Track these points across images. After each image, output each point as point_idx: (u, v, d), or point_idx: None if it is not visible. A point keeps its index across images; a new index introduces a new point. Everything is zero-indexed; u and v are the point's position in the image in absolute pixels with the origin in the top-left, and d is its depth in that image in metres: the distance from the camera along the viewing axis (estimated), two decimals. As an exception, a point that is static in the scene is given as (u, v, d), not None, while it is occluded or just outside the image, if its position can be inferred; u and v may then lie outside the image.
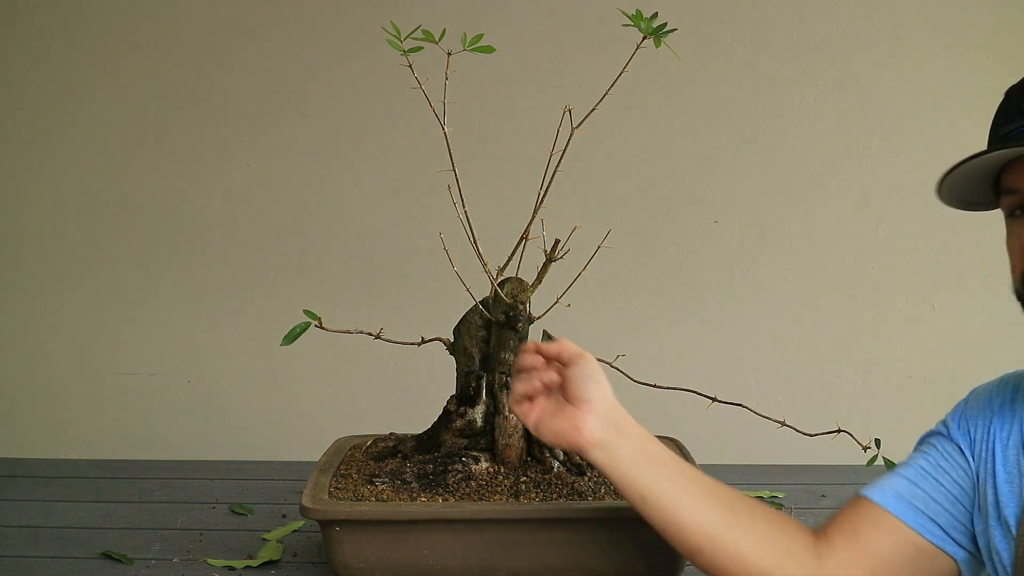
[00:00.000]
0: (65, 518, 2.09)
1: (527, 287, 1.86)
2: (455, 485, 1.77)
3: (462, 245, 1.81)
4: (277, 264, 2.70)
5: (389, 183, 2.68)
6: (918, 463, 1.27)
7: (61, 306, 2.74)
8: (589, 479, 1.80)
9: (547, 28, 2.65)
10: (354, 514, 1.69)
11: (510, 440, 1.84)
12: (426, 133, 1.92)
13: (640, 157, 2.67)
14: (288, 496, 2.20)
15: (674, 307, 2.70)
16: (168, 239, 2.71)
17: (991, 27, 2.62)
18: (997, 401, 1.24)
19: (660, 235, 2.68)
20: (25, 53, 2.67)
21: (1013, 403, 1.21)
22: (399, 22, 1.73)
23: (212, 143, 2.69)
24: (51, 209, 2.71)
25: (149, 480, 2.35)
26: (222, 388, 2.75)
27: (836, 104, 2.64)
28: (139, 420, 2.75)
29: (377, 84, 2.64)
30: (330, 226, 2.70)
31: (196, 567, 1.84)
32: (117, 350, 2.74)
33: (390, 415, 2.63)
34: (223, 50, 2.67)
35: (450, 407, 1.90)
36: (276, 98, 2.67)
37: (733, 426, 2.24)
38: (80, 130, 2.70)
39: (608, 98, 1.77)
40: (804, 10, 2.63)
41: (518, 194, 1.99)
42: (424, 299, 2.63)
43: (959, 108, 2.61)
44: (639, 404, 2.45)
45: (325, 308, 1.88)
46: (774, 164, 2.63)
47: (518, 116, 2.64)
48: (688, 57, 2.04)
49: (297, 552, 1.92)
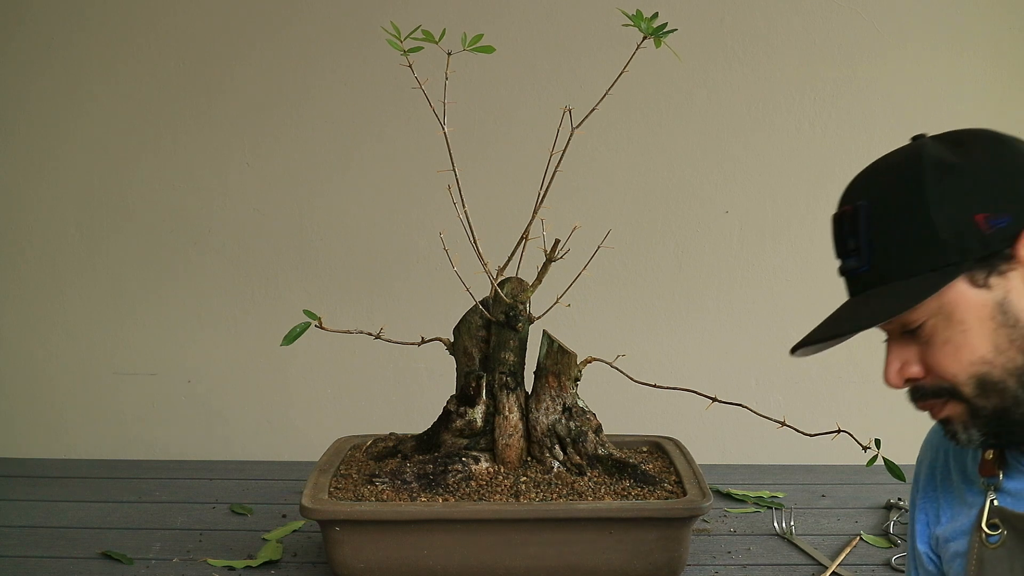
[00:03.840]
0: (65, 518, 2.09)
1: (527, 287, 1.86)
2: (455, 485, 1.77)
3: (462, 245, 1.81)
4: (277, 264, 2.70)
5: (389, 183, 2.68)
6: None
7: (61, 306, 2.74)
8: (589, 479, 1.80)
9: (547, 28, 2.65)
10: (354, 514, 1.69)
11: (510, 440, 1.85)
12: (426, 133, 1.93)
13: (640, 157, 2.67)
14: (288, 496, 2.20)
15: (674, 307, 2.70)
16: (168, 239, 2.71)
17: (991, 27, 2.62)
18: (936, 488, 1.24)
19: (660, 235, 2.68)
20: (26, 54, 2.67)
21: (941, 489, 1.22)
22: (399, 22, 1.73)
23: (212, 143, 2.69)
24: (51, 209, 2.71)
25: (149, 480, 2.35)
26: (222, 388, 2.75)
27: (836, 104, 2.64)
28: (139, 420, 2.75)
29: (377, 84, 2.64)
30: (330, 226, 2.70)
31: (196, 567, 1.84)
32: (117, 350, 2.74)
33: (390, 415, 2.63)
34: (223, 50, 2.67)
35: (450, 407, 1.90)
36: (276, 98, 2.67)
37: (733, 426, 2.25)
38: (80, 130, 2.69)
39: (608, 98, 1.77)
40: (804, 10, 2.62)
41: (518, 194, 1.99)
42: (424, 299, 2.63)
43: (959, 108, 2.61)
44: (639, 404, 2.46)
45: (325, 308, 1.88)
46: (774, 164, 2.63)
47: (518, 116, 2.64)
48: (688, 57, 2.04)
49: (297, 552, 1.92)
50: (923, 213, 1.03)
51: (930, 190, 1.04)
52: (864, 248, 1.07)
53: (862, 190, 1.10)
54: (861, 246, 1.07)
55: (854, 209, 1.08)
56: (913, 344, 1.07)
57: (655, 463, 1.93)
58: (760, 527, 2.06)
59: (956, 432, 1.09)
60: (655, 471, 1.87)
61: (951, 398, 1.07)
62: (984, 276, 1.03)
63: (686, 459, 1.92)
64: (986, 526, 1.11)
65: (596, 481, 1.80)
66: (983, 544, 1.11)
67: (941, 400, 1.08)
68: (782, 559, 1.91)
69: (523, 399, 1.87)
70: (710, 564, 1.87)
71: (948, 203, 1.03)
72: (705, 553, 1.92)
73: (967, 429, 1.07)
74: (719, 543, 1.97)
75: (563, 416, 1.84)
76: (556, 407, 1.84)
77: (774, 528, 2.05)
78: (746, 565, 1.88)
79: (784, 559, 1.91)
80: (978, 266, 1.03)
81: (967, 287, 1.03)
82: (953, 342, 1.04)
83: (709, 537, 2.00)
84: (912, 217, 1.04)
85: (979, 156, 1.06)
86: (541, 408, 1.84)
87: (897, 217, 1.05)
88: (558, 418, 1.84)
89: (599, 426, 1.89)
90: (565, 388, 1.85)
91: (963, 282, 1.03)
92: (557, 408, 1.84)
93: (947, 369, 1.05)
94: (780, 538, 2.01)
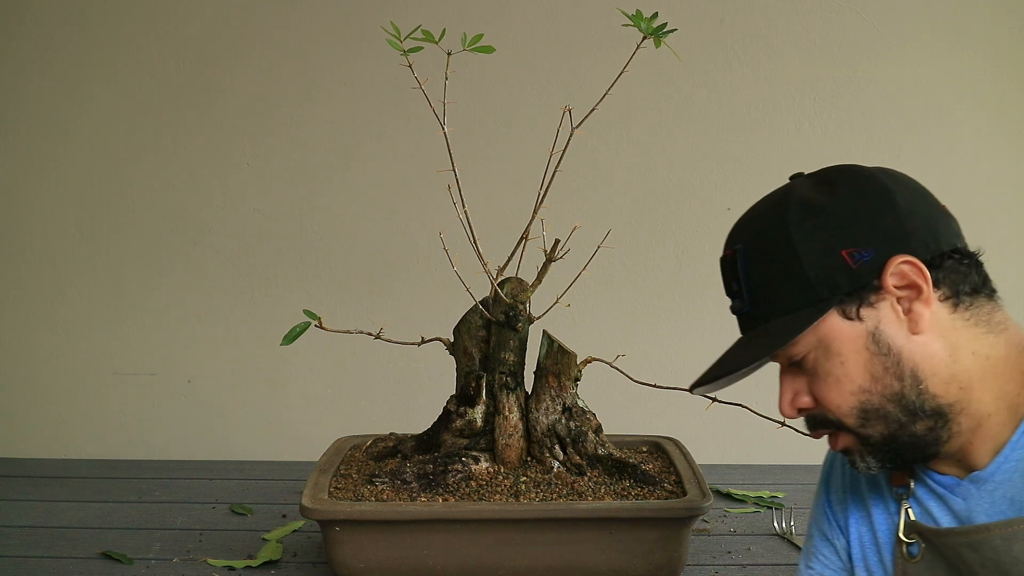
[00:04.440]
0: (65, 518, 2.09)
1: (527, 287, 1.86)
2: (455, 485, 1.77)
3: (462, 245, 1.81)
4: (277, 264, 2.70)
5: (389, 183, 2.68)
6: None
7: (61, 306, 2.74)
8: (589, 479, 1.80)
9: (547, 28, 2.65)
10: (354, 514, 1.69)
11: (510, 440, 1.85)
12: (426, 133, 1.92)
13: (640, 157, 2.67)
14: (288, 496, 2.20)
15: (674, 307, 2.70)
16: (168, 239, 2.71)
17: (991, 27, 2.62)
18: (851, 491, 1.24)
19: (660, 235, 2.68)
20: (26, 54, 2.67)
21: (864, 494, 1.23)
22: (399, 22, 1.73)
23: (212, 143, 2.69)
24: (51, 209, 2.71)
25: (149, 480, 2.35)
26: (222, 388, 2.75)
27: (836, 104, 2.64)
28: (139, 420, 2.75)
29: (377, 84, 2.64)
30: (330, 226, 2.70)
31: (196, 567, 1.84)
32: (117, 350, 2.74)
33: (390, 415, 2.63)
34: (223, 51, 2.67)
35: (450, 407, 1.90)
36: (276, 99, 2.67)
37: (733, 426, 2.24)
38: (80, 130, 2.69)
39: (608, 98, 1.77)
40: (804, 10, 2.63)
41: (518, 194, 1.99)
42: (424, 299, 2.63)
43: (959, 108, 2.61)
44: (639, 404, 2.46)
45: (325, 308, 1.88)
46: (774, 164, 2.63)
47: (518, 116, 2.64)
48: (688, 57, 2.04)
49: (297, 552, 1.92)
50: (791, 253, 1.08)
51: (795, 231, 1.08)
52: (744, 290, 1.13)
53: (739, 234, 1.16)
54: (742, 289, 1.13)
55: (733, 253, 1.14)
56: (802, 376, 1.12)
57: (655, 463, 1.93)
58: (760, 527, 2.06)
59: (855, 461, 1.12)
60: (655, 471, 1.87)
61: (839, 429, 1.11)
62: (855, 308, 1.07)
63: (686, 459, 1.92)
64: (904, 537, 1.14)
65: (596, 481, 1.80)
66: (905, 559, 1.14)
67: (832, 430, 1.12)
68: (782, 559, 1.90)
69: (523, 399, 1.87)
70: (710, 564, 1.87)
71: (813, 242, 1.07)
72: (705, 553, 1.92)
73: (864, 458, 1.11)
74: (719, 543, 1.97)
75: (563, 416, 1.84)
76: (556, 407, 1.84)
77: (774, 528, 2.05)
78: (746, 565, 1.88)
79: (784, 559, 1.90)
80: (848, 299, 1.07)
81: (840, 320, 1.07)
82: (834, 374, 1.08)
83: (709, 537, 2.00)
84: (781, 258, 1.09)
85: (843, 194, 1.10)
86: (541, 408, 1.84)
87: (769, 258, 1.10)
88: (558, 418, 1.84)
89: (599, 426, 1.88)
90: (565, 388, 1.85)
91: (836, 316, 1.07)
92: (557, 408, 1.84)
93: (831, 401, 1.09)
94: (780, 538, 2.01)
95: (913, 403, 1.06)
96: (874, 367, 1.06)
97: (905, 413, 1.06)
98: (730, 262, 1.15)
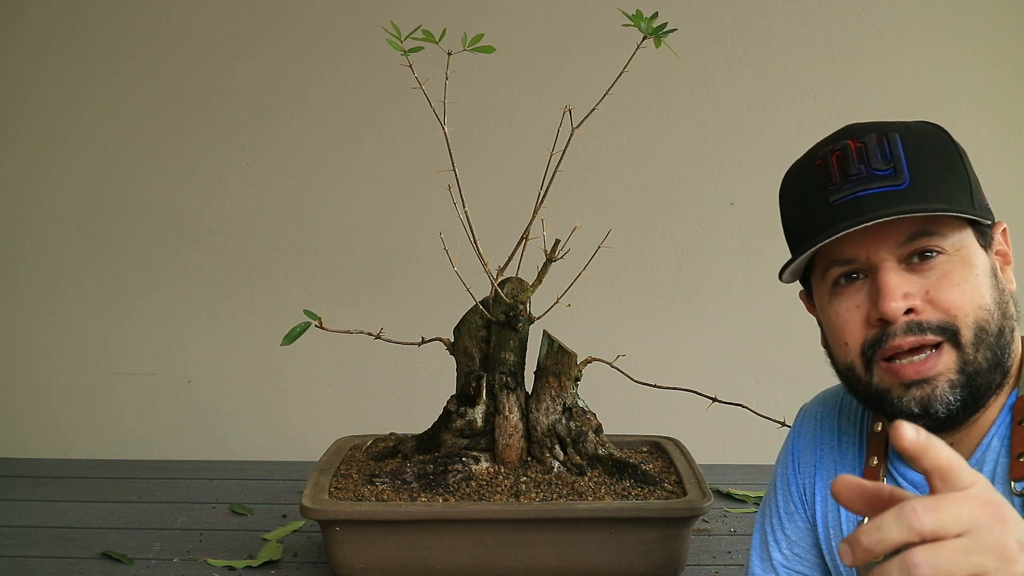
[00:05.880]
0: (65, 518, 2.09)
1: (527, 287, 1.86)
2: (455, 485, 1.77)
3: (462, 245, 1.81)
4: (277, 264, 2.70)
5: (389, 183, 2.68)
6: (785, 542, 1.26)
7: (61, 306, 2.74)
8: (589, 479, 1.80)
9: (547, 28, 2.65)
10: (354, 514, 1.69)
11: (510, 440, 1.85)
12: (426, 133, 1.93)
13: (640, 157, 2.67)
14: (288, 496, 2.20)
15: (674, 307, 2.70)
16: (168, 239, 2.71)
17: (991, 27, 2.62)
18: (822, 446, 1.26)
19: (660, 235, 2.68)
20: (25, 54, 2.67)
21: (832, 448, 1.24)
22: (399, 22, 1.73)
23: (212, 143, 2.69)
24: (51, 209, 2.71)
25: (149, 480, 2.35)
26: (222, 388, 2.75)
27: (836, 104, 2.64)
28: (139, 420, 2.75)
29: (377, 84, 2.64)
30: (330, 226, 2.70)
31: (196, 567, 1.84)
32: (116, 350, 2.74)
33: (390, 415, 2.63)
34: (223, 50, 2.67)
35: (450, 407, 1.90)
36: (276, 98, 2.67)
37: (733, 426, 2.24)
38: (80, 130, 2.70)
39: (608, 98, 1.77)
40: (804, 10, 2.63)
41: (518, 194, 1.99)
42: (424, 299, 2.63)
43: (959, 108, 2.61)
44: (639, 404, 2.46)
45: (325, 308, 1.88)
46: (774, 164, 2.62)
47: (518, 116, 2.64)
48: (688, 57, 2.04)
49: (297, 552, 1.92)
50: (960, 163, 1.10)
51: (960, 148, 1.12)
52: (906, 168, 1.07)
53: (887, 126, 1.15)
54: (902, 167, 1.07)
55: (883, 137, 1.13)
56: (916, 279, 1.05)
57: (655, 463, 1.93)
58: (760, 527, 2.06)
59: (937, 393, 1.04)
60: (655, 471, 1.87)
61: (948, 342, 1.04)
62: (988, 241, 1.10)
63: (686, 459, 1.92)
64: None
65: (596, 481, 1.80)
66: None
67: (936, 343, 1.04)
68: (782, 559, 1.90)
69: (523, 399, 1.87)
70: (710, 564, 1.87)
71: (970, 165, 1.11)
72: (705, 553, 1.91)
73: (953, 388, 1.04)
74: (719, 543, 1.97)
75: (563, 416, 1.84)
76: (556, 407, 1.84)
77: (774, 528, 2.05)
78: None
79: (784, 559, 1.90)
80: (986, 231, 1.09)
81: (978, 243, 1.08)
82: (969, 282, 1.05)
83: (709, 537, 2.00)
84: (950, 158, 1.10)
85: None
86: (541, 408, 1.84)
87: (938, 153, 1.10)
88: (558, 418, 1.84)
89: (599, 426, 1.88)
90: (565, 388, 1.85)
91: (976, 236, 1.08)
92: (557, 408, 1.84)
93: (961, 306, 1.04)
94: (780, 538, 2.00)
95: (1004, 349, 1.06)
96: (996, 296, 1.07)
97: (998, 355, 1.05)
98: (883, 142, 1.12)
